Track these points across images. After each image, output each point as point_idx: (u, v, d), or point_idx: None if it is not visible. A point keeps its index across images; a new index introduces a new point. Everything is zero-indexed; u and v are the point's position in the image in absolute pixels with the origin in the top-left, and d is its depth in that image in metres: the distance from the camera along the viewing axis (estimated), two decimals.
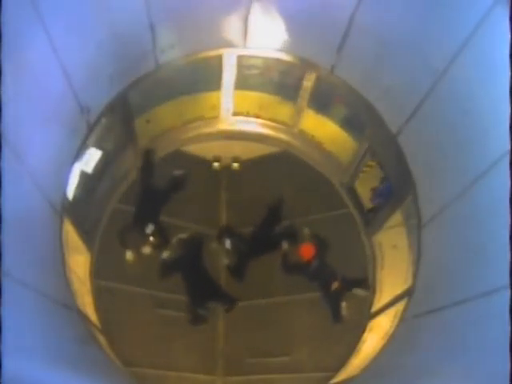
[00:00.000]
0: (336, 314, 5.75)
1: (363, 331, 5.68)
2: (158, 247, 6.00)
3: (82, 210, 5.32)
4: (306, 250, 5.79)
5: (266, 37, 5.20)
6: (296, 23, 4.89)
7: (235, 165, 6.51)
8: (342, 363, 5.63)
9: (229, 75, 5.85)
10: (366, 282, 5.92)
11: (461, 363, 3.31)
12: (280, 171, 6.40)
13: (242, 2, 4.77)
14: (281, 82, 5.95)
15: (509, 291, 2.86)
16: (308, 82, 5.71)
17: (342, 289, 5.69)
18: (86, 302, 5.28)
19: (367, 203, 6.08)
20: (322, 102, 5.98)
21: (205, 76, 5.83)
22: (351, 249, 6.08)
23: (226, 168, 6.51)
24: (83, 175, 5.17)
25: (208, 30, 5.05)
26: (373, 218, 6.01)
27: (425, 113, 4.45)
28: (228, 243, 5.97)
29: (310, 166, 6.47)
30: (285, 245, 6.01)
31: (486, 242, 3.58)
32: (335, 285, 5.65)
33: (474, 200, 3.88)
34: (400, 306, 4.99)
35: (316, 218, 6.23)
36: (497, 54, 3.25)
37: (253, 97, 6.24)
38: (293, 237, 6.08)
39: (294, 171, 6.43)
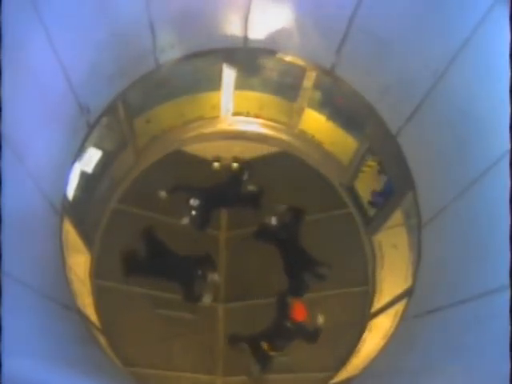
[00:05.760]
0: None
1: (363, 331, 5.68)
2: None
3: (82, 210, 5.31)
4: (299, 311, 5.75)
5: (265, 36, 5.20)
6: (296, 23, 4.88)
7: (235, 165, 6.50)
8: (342, 363, 5.62)
9: (229, 75, 5.86)
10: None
11: (461, 363, 3.30)
12: (280, 171, 6.40)
13: (242, 2, 4.77)
14: (281, 81, 5.95)
15: (509, 291, 2.86)
16: (308, 82, 5.71)
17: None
18: (86, 302, 5.27)
19: (367, 203, 6.08)
20: (322, 102, 5.98)
21: (205, 76, 5.83)
22: (351, 249, 6.08)
23: (226, 168, 6.51)
24: (83, 175, 5.17)
25: (208, 29, 5.05)
26: (373, 217, 6.01)
27: (425, 113, 4.44)
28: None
29: (310, 166, 6.46)
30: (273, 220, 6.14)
31: (486, 241, 3.57)
32: None
33: (474, 200, 3.87)
34: (400, 306, 4.98)
35: (316, 218, 6.23)
36: (497, 54, 3.25)
37: (253, 97, 6.24)
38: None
39: (293, 171, 6.43)
